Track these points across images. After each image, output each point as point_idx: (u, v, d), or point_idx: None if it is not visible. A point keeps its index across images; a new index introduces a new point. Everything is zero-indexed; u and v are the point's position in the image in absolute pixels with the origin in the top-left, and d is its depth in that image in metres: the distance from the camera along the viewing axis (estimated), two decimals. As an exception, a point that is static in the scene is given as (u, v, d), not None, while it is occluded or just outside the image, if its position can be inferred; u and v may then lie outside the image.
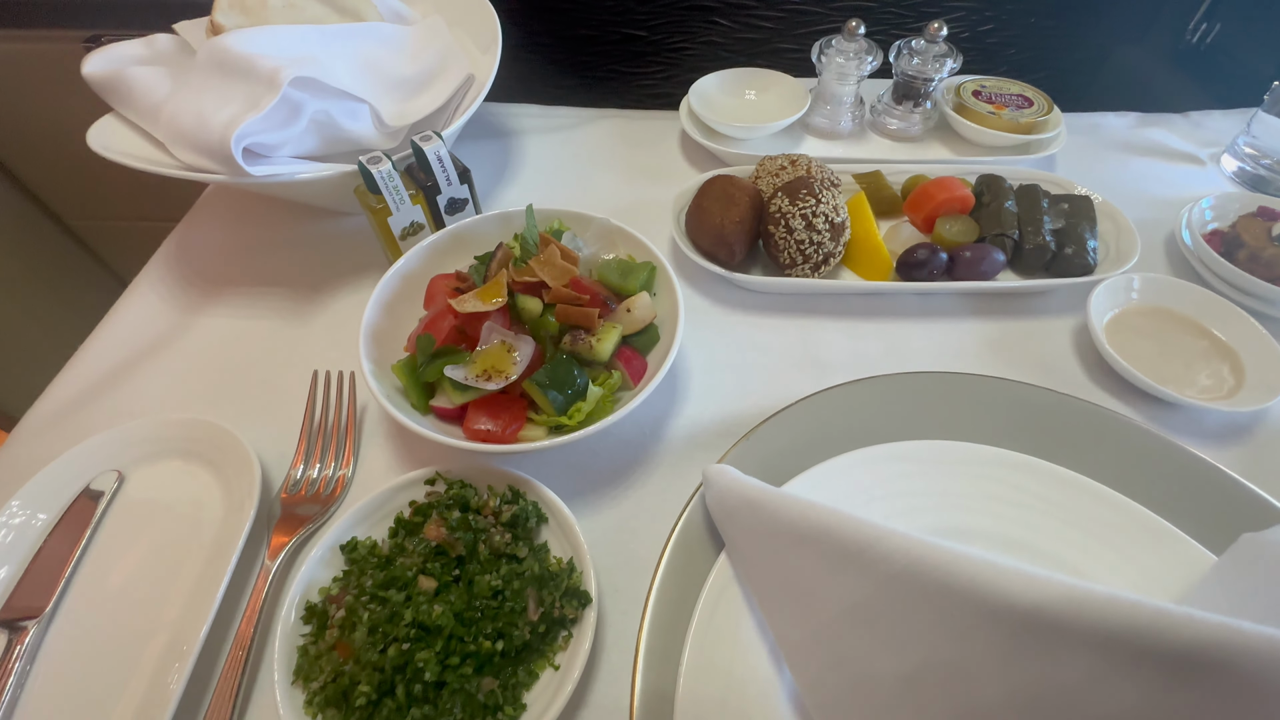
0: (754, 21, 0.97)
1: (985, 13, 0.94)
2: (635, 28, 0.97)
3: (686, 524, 0.43)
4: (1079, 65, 1.07)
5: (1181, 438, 0.52)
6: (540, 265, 0.50)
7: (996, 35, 0.98)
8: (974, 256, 0.60)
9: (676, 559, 0.42)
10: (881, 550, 0.30)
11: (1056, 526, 0.44)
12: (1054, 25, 0.99)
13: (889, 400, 0.50)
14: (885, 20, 0.95)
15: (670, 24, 0.96)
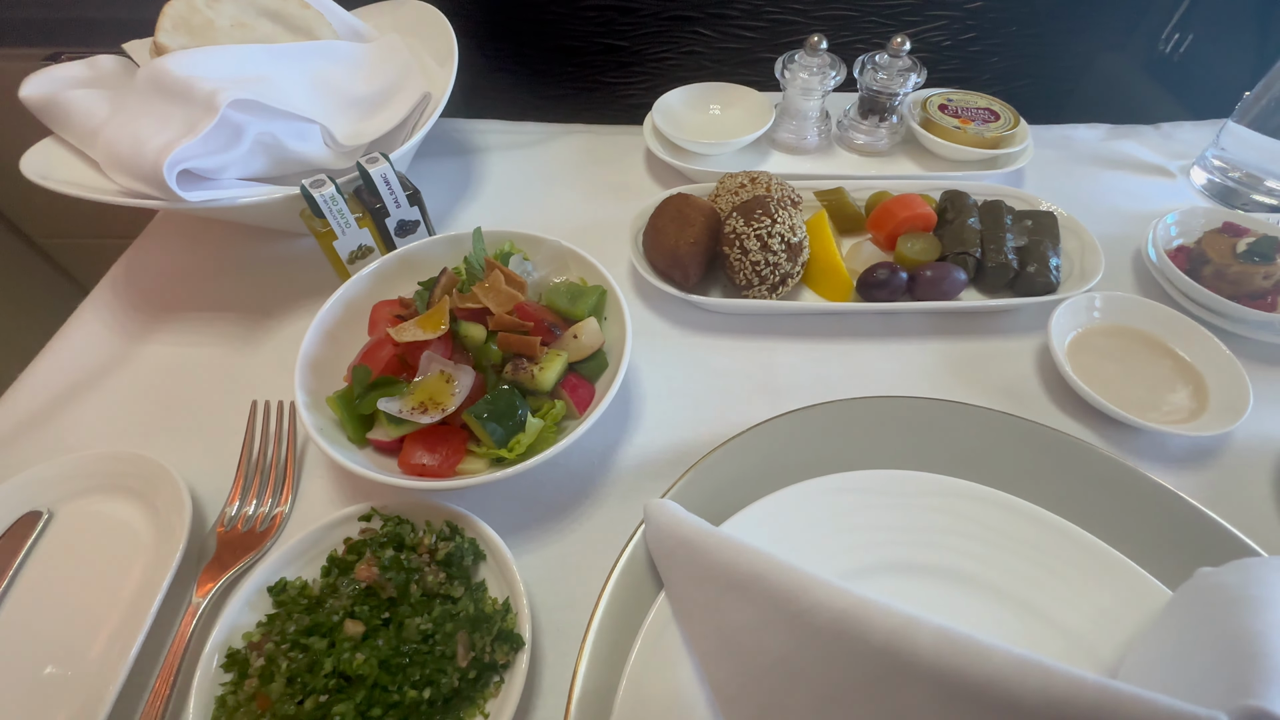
0: (736, 32, 0.97)
1: (967, 22, 0.94)
2: (618, 38, 0.97)
3: (628, 562, 0.41)
4: (1062, 73, 1.07)
5: (1144, 463, 0.51)
6: (484, 291, 0.49)
7: (979, 44, 0.98)
8: (934, 276, 0.58)
9: (615, 599, 0.40)
10: (807, 601, 0.29)
11: (1010, 560, 0.42)
12: (1035, 34, 0.98)
13: (842, 427, 0.49)
14: (867, 30, 0.95)
15: (652, 34, 0.96)
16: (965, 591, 0.42)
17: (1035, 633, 0.40)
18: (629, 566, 0.42)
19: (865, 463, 0.47)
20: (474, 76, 1.10)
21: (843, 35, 0.94)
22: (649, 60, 0.99)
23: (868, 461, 0.47)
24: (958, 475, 0.46)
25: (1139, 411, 0.51)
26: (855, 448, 0.48)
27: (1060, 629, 0.40)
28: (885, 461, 0.47)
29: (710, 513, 0.44)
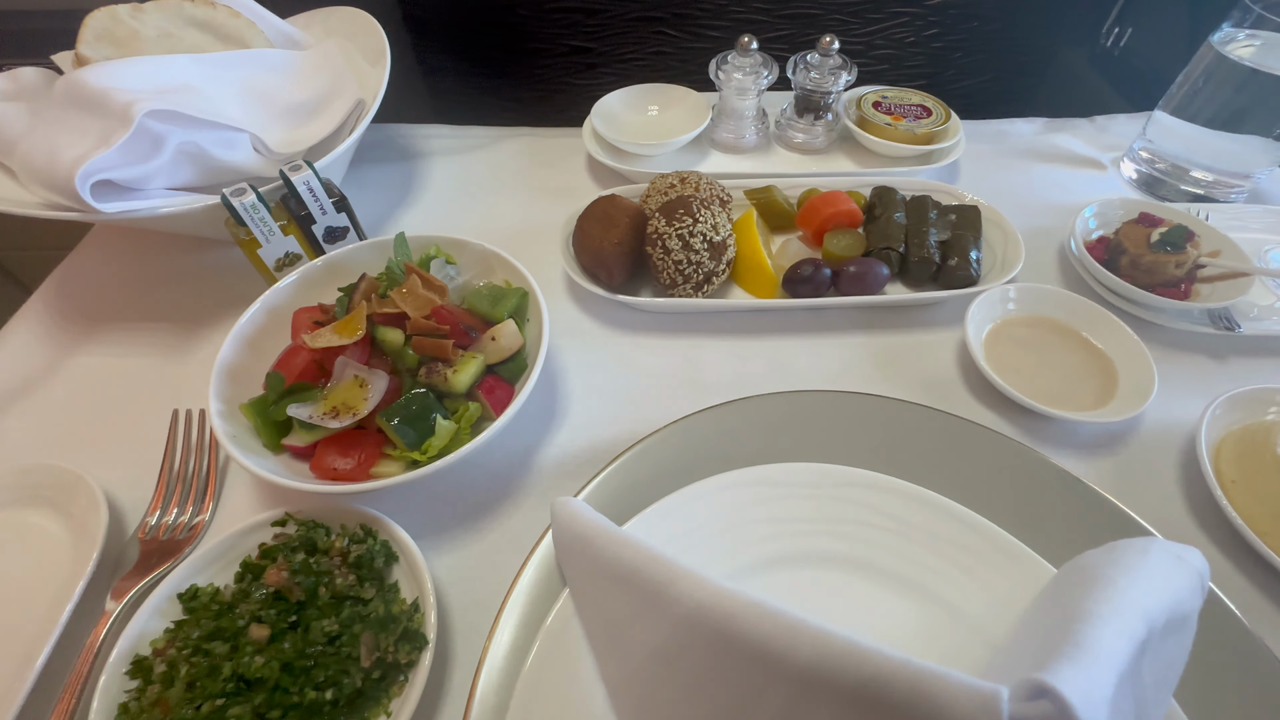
0: (702, 31, 0.98)
1: (929, 18, 0.95)
2: (584, 39, 0.97)
3: (537, 562, 0.42)
4: (1026, 67, 1.09)
5: (1055, 450, 0.52)
6: (400, 296, 0.50)
7: (942, 40, 0.99)
8: (858, 271, 0.59)
9: (522, 598, 0.41)
10: (674, 593, 0.29)
11: (913, 550, 0.43)
12: (998, 29, 1.00)
13: (755, 423, 0.49)
14: (831, 28, 0.96)
15: (619, 35, 0.97)
16: (869, 581, 0.43)
17: (936, 620, 0.41)
18: (537, 566, 0.42)
19: (778, 457, 0.48)
20: (440, 80, 1.11)
21: (808, 34, 0.95)
22: (616, 61, 1.00)
23: (780, 455, 0.48)
24: (869, 467, 0.47)
25: (1049, 400, 0.52)
26: (768, 442, 0.49)
27: (960, 616, 0.41)
28: (798, 455, 0.48)
29: (623, 509, 0.45)
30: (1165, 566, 0.33)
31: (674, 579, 0.30)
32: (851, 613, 0.42)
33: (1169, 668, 0.32)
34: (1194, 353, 0.58)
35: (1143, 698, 0.31)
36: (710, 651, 0.27)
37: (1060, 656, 0.22)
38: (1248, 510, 0.45)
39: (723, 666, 0.27)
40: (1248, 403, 0.50)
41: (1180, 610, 0.31)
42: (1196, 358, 0.58)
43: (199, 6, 0.65)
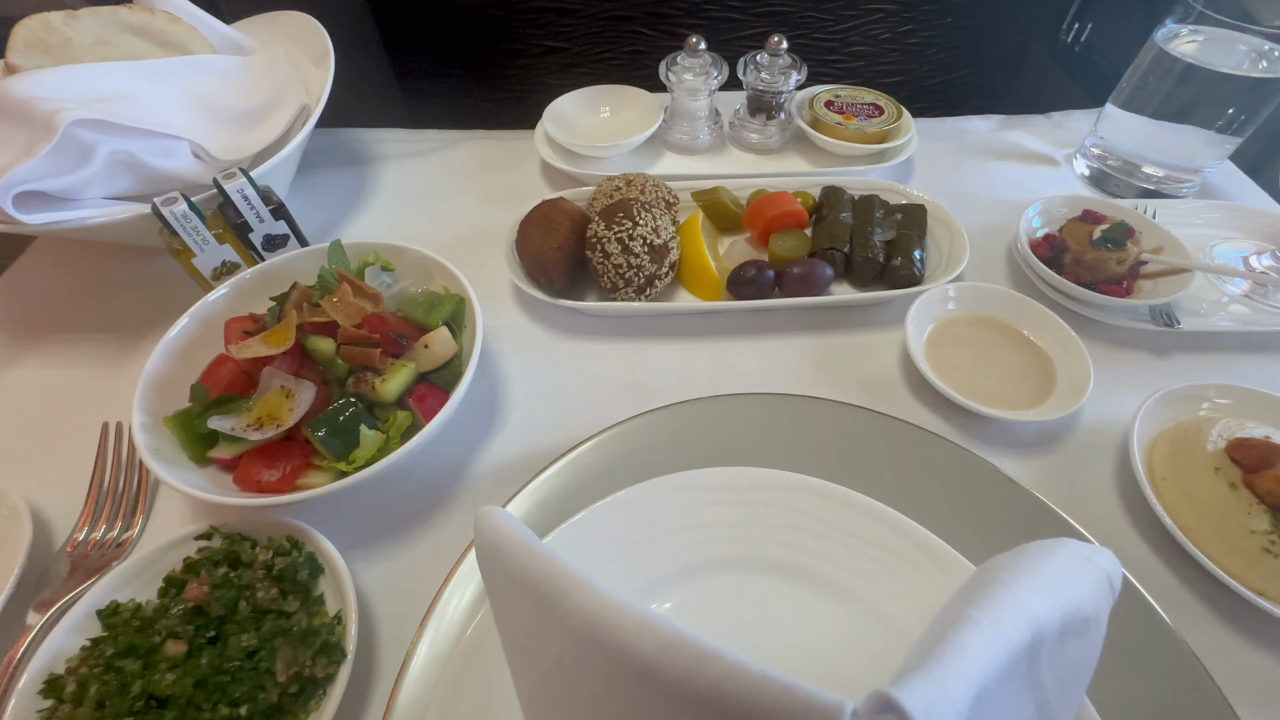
0: (676, 30, 0.97)
1: (904, 15, 0.95)
2: (558, 40, 0.97)
3: (460, 573, 0.42)
4: (1001, 62, 1.09)
5: (994, 449, 0.52)
6: (331, 305, 0.49)
7: (916, 36, 0.99)
8: (801, 272, 0.59)
9: (444, 610, 0.40)
10: (569, 604, 0.29)
11: (843, 554, 0.43)
12: (970, 25, 1.00)
13: (688, 428, 0.49)
14: (805, 25, 0.95)
15: (593, 35, 0.96)
16: (798, 585, 0.43)
17: (862, 624, 0.41)
18: (461, 577, 0.42)
19: (711, 461, 0.48)
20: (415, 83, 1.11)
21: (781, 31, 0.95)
22: (591, 61, 1.00)
23: (713, 460, 0.48)
24: (803, 469, 0.47)
25: (988, 400, 0.52)
26: (702, 447, 0.48)
27: (886, 620, 0.41)
28: (731, 459, 0.48)
29: (556, 515, 0.45)
30: (1068, 568, 0.32)
31: (569, 589, 0.30)
32: (779, 617, 0.42)
33: (1075, 670, 0.32)
34: (1137, 349, 0.59)
35: (1045, 701, 0.30)
36: (599, 664, 0.27)
37: (917, 668, 0.22)
38: (1176, 507, 0.45)
39: (609, 680, 0.27)
40: (1181, 400, 0.50)
41: (1081, 612, 0.31)
42: (1139, 354, 0.58)
43: (136, 13, 0.64)
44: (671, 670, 0.23)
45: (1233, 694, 0.39)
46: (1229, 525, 0.43)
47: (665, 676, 0.24)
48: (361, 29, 1.05)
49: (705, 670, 0.22)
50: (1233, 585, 0.41)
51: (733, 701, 0.21)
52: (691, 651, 0.23)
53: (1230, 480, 0.45)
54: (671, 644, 0.24)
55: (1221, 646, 0.42)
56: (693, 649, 0.23)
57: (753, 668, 0.21)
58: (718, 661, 0.22)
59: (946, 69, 1.07)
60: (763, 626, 0.41)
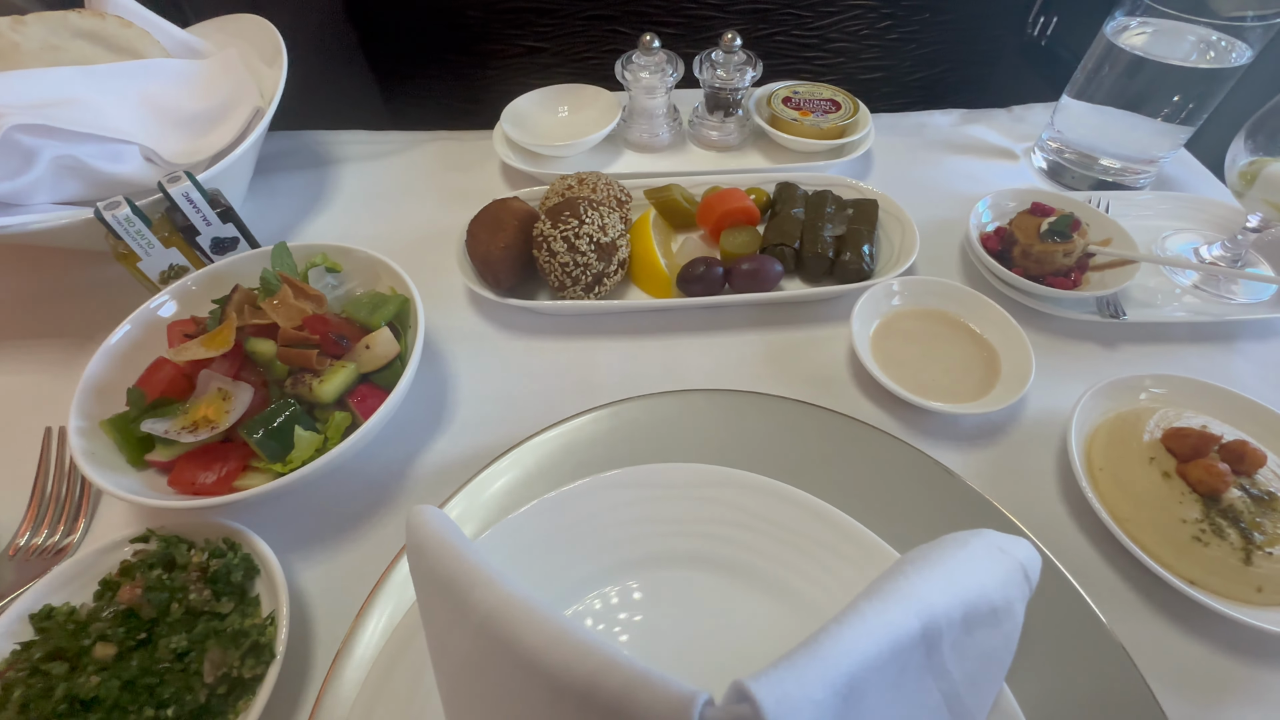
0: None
1: (883, 10, 0.95)
2: (538, 39, 0.97)
3: (394, 573, 0.42)
4: (981, 57, 1.09)
5: (938, 443, 0.52)
6: (271, 307, 0.49)
7: (895, 32, 0.99)
8: (751, 268, 0.59)
9: (375, 609, 0.41)
10: (473, 600, 0.29)
11: (780, 550, 0.43)
12: (949, 20, 0.99)
13: (632, 424, 0.49)
14: (784, 22, 0.95)
15: (573, 34, 0.96)
16: (734, 580, 0.43)
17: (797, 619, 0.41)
18: (395, 577, 0.42)
19: (654, 457, 0.48)
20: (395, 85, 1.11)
21: (760, 28, 0.95)
22: (572, 61, 0.99)
23: (656, 456, 0.48)
24: (745, 465, 0.47)
25: (931, 393, 0.52)
26: (644, 443, 0.49)
27: (818, 615, 0.41)
28: (674, 455, 0.48)
29: (496, 513, 0.45)
30: (979, 559, 0.33)
31: (474, 586, 0.30)
32: (716, 612, 0.42)
33: (988, 659, 0.32)
34: (1085, 341, 0.59)
35: (954, 691, 0.31)
36: (498, 659, 0.27)
37: (783, 659, 0.22)
38: (1111, 497, 0.46)
39: (506, 674, 0.27)
40: (1120, 390, 0.50)
41: (988, 602, 0.31)
42: (1087, 346, 0.59)
43: (86, 18, 0.64)
44: (552, 662, 0.24)
45: (1162, 682, 0.40)
46: (1161, 514, 0.43)
47: (548, 669, 0.24)
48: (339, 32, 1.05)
49: (581, 663, 0.23)
50: (1162, 574, 0.41)
51: (603, 694, 0.21)
52: (571, 644, 0.24)
53: (1164, 470, 0.45)
54: (555, 638, 0.24)
55: (1154, 635, 0.42)
56: (572, 642, 0.24)
57: (623, 661, 0.22)
58: (593, 654, 0.23)
59: (927, 64, 1.07)
60: (699, 622, 0.41)
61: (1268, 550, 0.41)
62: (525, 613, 0.26)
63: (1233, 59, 0.62)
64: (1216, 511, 0.43)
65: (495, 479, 0.47)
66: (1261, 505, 0.43)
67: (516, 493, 0.47)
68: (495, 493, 0.46)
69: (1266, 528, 0.42)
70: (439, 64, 1.03)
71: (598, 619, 0.41)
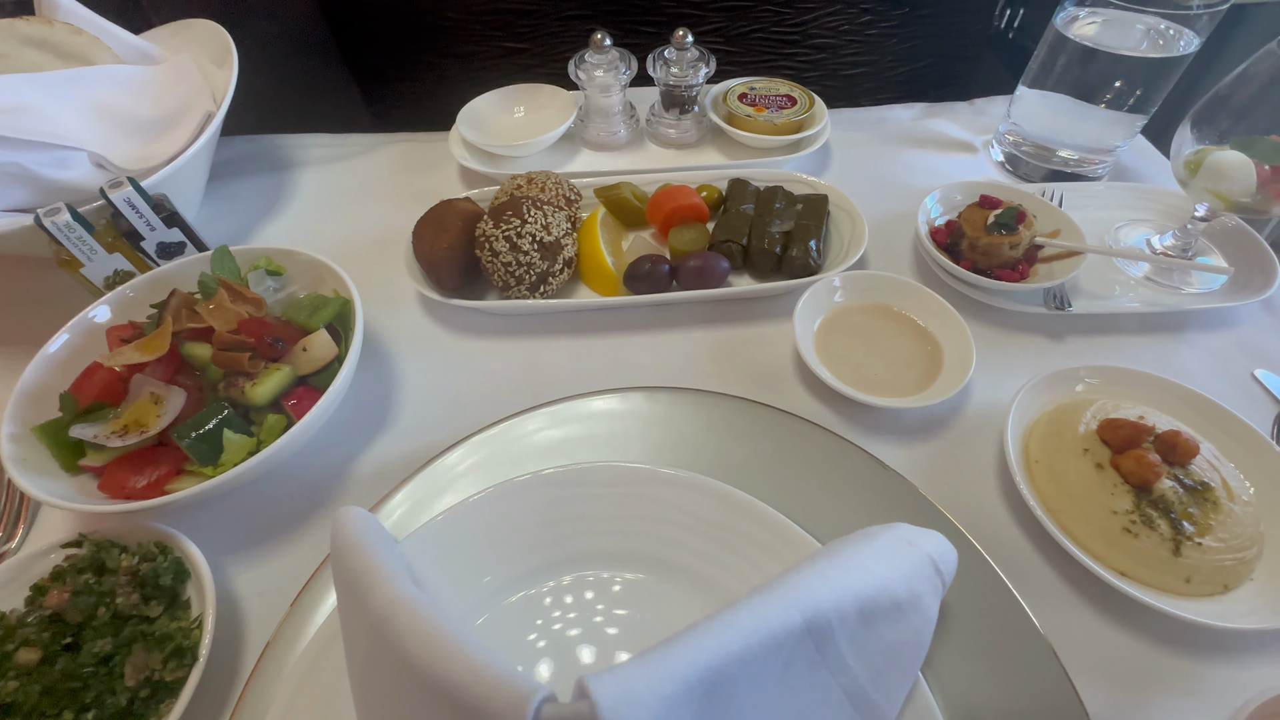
0: (635, 28, 0.97)
1: (862, 5, 0.94)
2: (518, 40, 0.96)
3: (323, 576, 0.42)
4: (963, 51, 1.08)
5: (881, 437, 0.52)
6: (207, 310, 0.49)
7: (876, 27, 0.98)
8: (698, 265, 0.59)
9: (302, 612, 0.41)
10: (370, 600, 0.29)
11: (709, 547, 0.43)
12: (929, 14, 0.99)
13: (568, 422, 0.49)
14: (763, 19, 0.95)
15: (552, 35, 0.96)
16: (662, 578, 0.43)
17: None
18: (323, 579, 0.42)
19: (590, 456, 0.48)
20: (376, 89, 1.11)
21: (739, 25, 0.94)
22: (552, 61, 0.99)
23: (592, 454, 0.48)
24: (682, 463, 0.47)
25: (873, 388, 0.52)
26: (581, 443, 0.49)
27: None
28: (610, 453, 0.48)
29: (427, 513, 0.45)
30: (883, 553, 0.33)
31: (372, 586, 0.30)
32: (644, 610, 0.42)
33: (895, 653, 0.32)
34: (1032, 333, 0.58)
35: (855, 685, 0.31)
36: (386, 656, 0.27)
37: (637, 656, 0.22)
38: (1045, 489, 0.46)
39: (392, 671, 0.27)
40: (1059, 382, 0.50)
41: (889, 595, 0.31)
42: (1034, 338, 0.58)
43: (34, 25, 0.64)
44: (420, 658, 0.24)
45: (1091, 674, 0.40)
46: (1093, 506, 0.43)
47: (418, 666, 0.24)
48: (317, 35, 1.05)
49: (444, 660, 0.23)
50: (1090, 565, 0.41)
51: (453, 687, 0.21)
52: (437, 643, 0.24)
53: (1098, 461, 0.45)
54: (423, 634, 0.24)
55: (1085, 628, 0.42)
56: (439, 641, 0.24)
57: (476, 657, 0.22)
58: (452, 652, 0.23)
59: (908, 59, 1.06)
60: (628, 620, 0.41)
61: (1197, 541, 0.41)
62: (408, 613, 0.26)
63: (1181, 46, 0.62)
64: (1148, 503, 0.42)
65: (426, 480, 0.47)
66: (1195, 495, 0.43)
67: (448, 493, 0.46)
68: (427, 494, 0.46)
69: (1198, 518, 0.42)
70: (420, 66, 1.03)
71: (522, 619, 0.41)
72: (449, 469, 0.47)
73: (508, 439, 0.49)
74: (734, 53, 0.96)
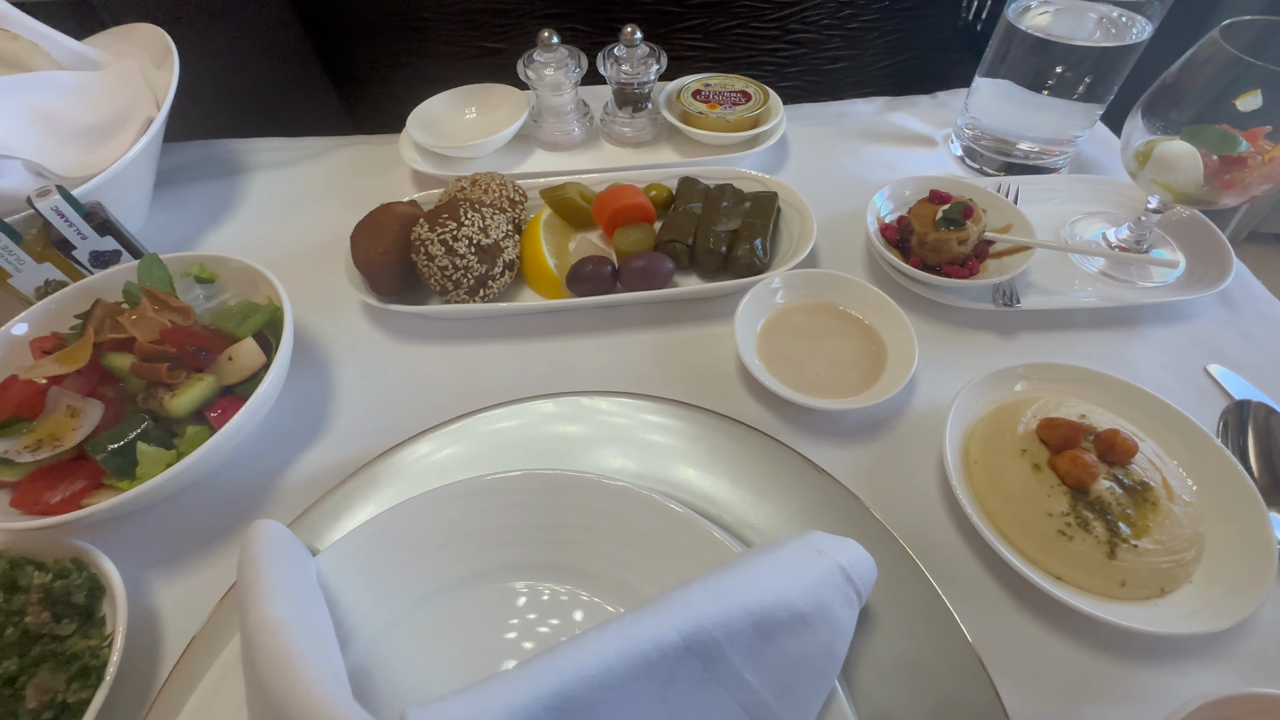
0: (613, 25, 0.95)
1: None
2: (495, 40, 0.95)
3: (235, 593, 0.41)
4: (945, 44, 1.07)
5: (821, 439, 0.51)
6: (129, 320, 0.48)
7: (856, 21, 0.97)
8: (642, 266, 0.58)
9: (212, 630, 0.40)
10: (246, 619, 0.28)
11: (628, 554, 0.42)
12: (910, 6, 0.98)
13: (497, 431, 0.48)
14: (742, 15, 0.93)
15: (529, 34, 0.94)
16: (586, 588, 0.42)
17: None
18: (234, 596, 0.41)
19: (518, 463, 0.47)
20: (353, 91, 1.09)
21: (718, 21, 0.93)
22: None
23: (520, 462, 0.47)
24: (613, 469, 0.46)
25: (814, 389, 0.51)
26: (509, 450, 0.48)
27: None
28: (541, 460, 0.47)
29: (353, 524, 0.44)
30: (784, 564, 0.32)
31: (250, 605, 0.29)
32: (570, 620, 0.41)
33: (801, 667, 0.31)
34: (983, 331, 0.57)
35: (757, 700, 0.30)
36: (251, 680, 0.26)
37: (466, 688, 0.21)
38: (983, 492, 0.44)
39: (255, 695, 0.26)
40: (998, 382, 0.49)
41: (789, 608, 0.30)
42: (985, 335, 0.57)
43: (-33, 32, 0.63)
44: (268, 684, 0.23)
45: (1022, 682, 0.39)
46: (1028, 509, 0.42)
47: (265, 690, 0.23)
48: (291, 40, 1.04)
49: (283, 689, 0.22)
50: (1022, 569, 0.40)
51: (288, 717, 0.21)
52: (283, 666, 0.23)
53: (1035, 462, 0.43)
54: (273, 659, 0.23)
55: (1020, 634, 0.41)
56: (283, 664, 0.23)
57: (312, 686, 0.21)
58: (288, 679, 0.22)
59: (890, 53, 1.05)
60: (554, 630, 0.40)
61: (1133, 543, 0.40)
62: (269, 635, 0.25)
63: (1134, 34, 0.60)
64: (1084, 504, 0.41)
65: (351, 491, 0.46)
66: (1134, 496, 0.42)
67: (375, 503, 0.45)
68: (352, 505, 0.45)
69: (1135, 519, 0.41)
70: (397, 67, 1.02)
71: (441, 632, 0.40)
72: (370, 480, 0.46)
73: (431, 449, 0.48)
74: (714, 49, 0.95)
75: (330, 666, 0.28)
